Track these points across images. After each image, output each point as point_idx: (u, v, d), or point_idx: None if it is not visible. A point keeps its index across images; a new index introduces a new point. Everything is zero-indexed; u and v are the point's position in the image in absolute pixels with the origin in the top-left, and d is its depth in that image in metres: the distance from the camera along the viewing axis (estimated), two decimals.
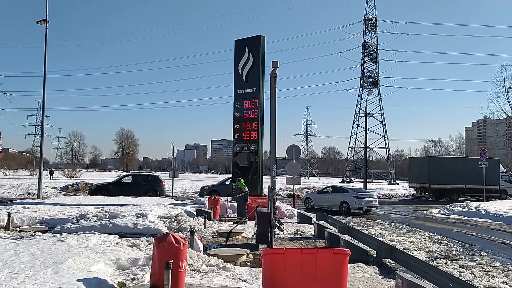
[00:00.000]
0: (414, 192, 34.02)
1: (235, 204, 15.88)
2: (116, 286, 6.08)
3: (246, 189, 15.02)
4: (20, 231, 11.51)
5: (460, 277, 7.18)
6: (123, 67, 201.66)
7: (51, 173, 54.08)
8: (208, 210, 14.56)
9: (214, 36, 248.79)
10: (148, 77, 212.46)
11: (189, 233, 8.60)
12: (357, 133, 74.58)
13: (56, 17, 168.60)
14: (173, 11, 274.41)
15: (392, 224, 16.31)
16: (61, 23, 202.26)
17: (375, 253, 9.10)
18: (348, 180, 70.72)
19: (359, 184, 39.59)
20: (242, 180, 15.40)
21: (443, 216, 20.44)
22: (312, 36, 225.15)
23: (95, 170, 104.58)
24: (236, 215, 15.33)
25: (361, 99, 74.41)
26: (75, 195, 26.60)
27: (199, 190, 28.58)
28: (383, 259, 8.79)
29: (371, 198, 21.01)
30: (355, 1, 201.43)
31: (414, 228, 15.08)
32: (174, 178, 27.16)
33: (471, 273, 8.22)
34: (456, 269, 8.58)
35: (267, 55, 18.62)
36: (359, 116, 74.06)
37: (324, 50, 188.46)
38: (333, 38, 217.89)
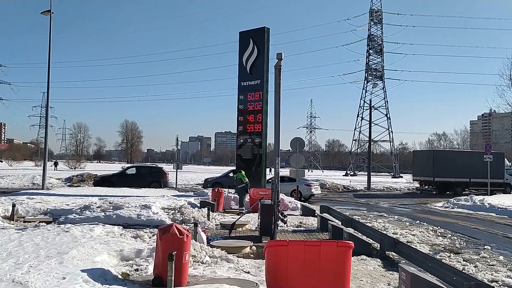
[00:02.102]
0: (418, 186, 33.91)
1: (238, 196, 16.00)
2: (119, 276, 6.11)
3: (247, 180, 15.47)
4: (24, 222, 11.59)
5: (463, 271, 7.16)
6: (128, 58, 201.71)
7: (55, 164, 54.41)
8: (212, 202, 14.61)
9: (218, 27, 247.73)
10: (153, 69, 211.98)
11: (193, 224, 8.61)
12: (361, 126, 74.12)
13: (60, 8, 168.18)
14: (177, 2, 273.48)
15: (396, 217, 16.30)
16: (66, 13, 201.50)
17: (379, 246, 9.11)
18: (352, 173, 70.60)
19: (363, 177, 39.55)
20: (243, 172, 15.80)
21: (447, 209, 20.40)
22: (317, 28, 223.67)
23: (99, 162, 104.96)
24: (239, 206, 15.47)
25: (366, 92, 73.79)
26: (80, 186, 26.75)
27: (202, 182, 28.66)
28: (386, 252, 8.79)
29: (316, 186, 24.58)
30: None
31: (418, 221, 15.05)
32: (178, 170, 27.14)
33: (475, 267, 8.20)
34: (460, 262, 8.57)
35: (272, 47, 18.56)
36: (363, 109, 73.56)
37: (329, 43, 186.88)
38: (338, 30, 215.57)
